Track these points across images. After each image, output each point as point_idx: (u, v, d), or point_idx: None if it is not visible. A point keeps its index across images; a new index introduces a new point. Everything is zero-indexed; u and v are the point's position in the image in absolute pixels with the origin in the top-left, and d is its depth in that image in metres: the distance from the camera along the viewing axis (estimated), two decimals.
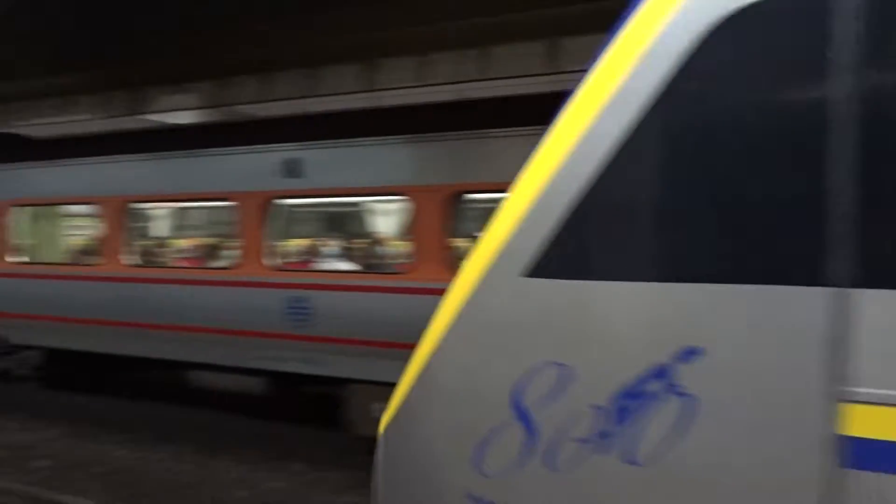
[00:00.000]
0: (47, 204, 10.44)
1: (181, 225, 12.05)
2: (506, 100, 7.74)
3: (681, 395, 2.17)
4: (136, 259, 9.43)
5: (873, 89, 1.92)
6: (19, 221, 10.47)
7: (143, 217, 10.33)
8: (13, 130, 14.01)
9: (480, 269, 2.58)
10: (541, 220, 2.43)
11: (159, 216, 11.17)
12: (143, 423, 9.02)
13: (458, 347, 2.66)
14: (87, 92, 15.37)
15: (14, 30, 14.73)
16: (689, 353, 2.17)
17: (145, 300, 8.90)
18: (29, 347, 10.44)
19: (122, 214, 9.17)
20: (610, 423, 2.29)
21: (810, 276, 1.96)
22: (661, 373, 2.23)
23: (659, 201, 2.32)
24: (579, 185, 2.33)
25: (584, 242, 2.41)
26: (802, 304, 1.99)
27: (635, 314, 2.33)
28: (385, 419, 2.86)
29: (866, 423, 1.93)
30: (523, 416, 2.51)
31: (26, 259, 10.50)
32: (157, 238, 11.03)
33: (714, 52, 2.19)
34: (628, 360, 2.28)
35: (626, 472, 2.25)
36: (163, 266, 9.90)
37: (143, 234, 10.46)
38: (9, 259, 10.32)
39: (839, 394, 1.93)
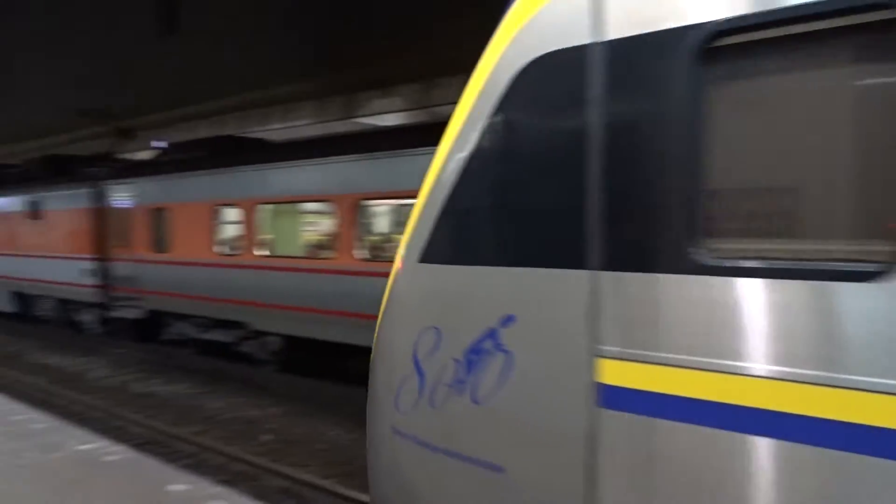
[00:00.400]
0: (287, 202, 11.22)
1: (405, 221, 12.61)
2: None
3: (503, 351, 2.96)
4: (366, 254, 9.92)
5: (616, 123, 2.62)
6: (263, 218, 11.45)
7: (371, 214, 10.83)
8: (250, 135, 15.57)
9: (400, 256, 3.46)
10: (426, 220, 3.30)
11: (385, 213, 11.70)
12: (360, 408, 9.57)
13: (388, 316, 3.54)
14: (307, 98, 16.74)
15: (251, 47, 16.36)
16: (508, 320, 2.94)
17: (373, 293, 9.44)
18: (268, 334, 11.41)
19: (354, 211, 9.73)
20: (463, 372, 3.11)
21: (577, 261, 2.69)
22: (492, 334, 3.02)
23: (485, 209, 3.15)
24: (443, 195, 3.21)
25: (446, 237, 3.26)
26: (573, 282, 2.71)
27: (476, 290, 3.12)
28: None
29: (613, 373, 2.65)
30: (418, 367, 3.38)
31: (268, 253, 11.45)
32: (383, 234, 11.57)
33: (516, 93, 2.98)
34: (473, 324, 3.08)
35: (472, 409, 3.06)
36: (389, 261, 10.36)
37: (371, 231, 10.96)
38: (255, 252, 11.38)
39: (596, 350, 2.65)
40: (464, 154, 3.20)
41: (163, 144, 16.48)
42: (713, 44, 2.50)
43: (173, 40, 19.43)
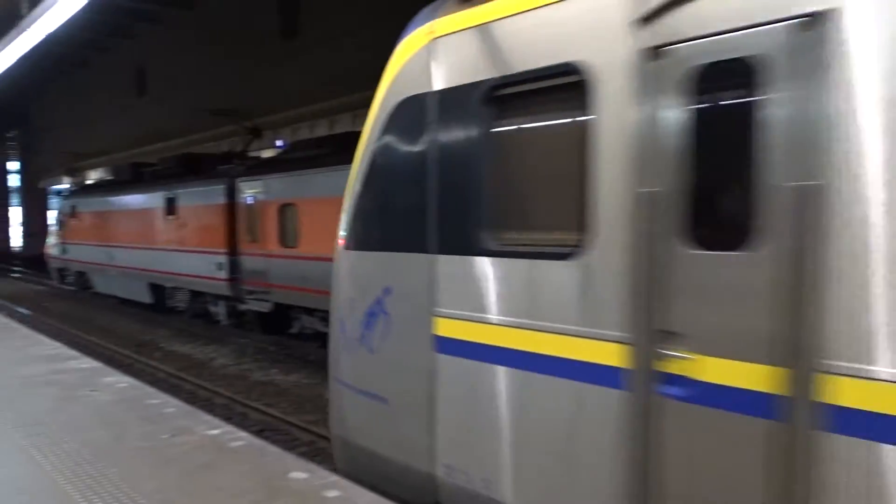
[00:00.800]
0: None
1: None
2: None
3: (385, 313, 4.24)
4: None
5: (440, 149, 3.98)
6: None
7: None
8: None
9: (336, 244, 4.88)
10: (345, 217, 4.73)
11: None
12: None
13: (332, 291, 4.93)
14: None
15: (365, 47, 16.69)
16: (387, 290, 4.22)
17: None
18: None
19: None
20: (364, 329, 4.42)
21: (422, 247, 4.01)
22: (378, 301, 4.28)
23: (374, 209, 4.49)
24: (354, 197, 4.65)
25: (355, 230, 4.64)
26: (420, 262, 4.01)
27: (371, 269, 4.44)
28: None
29: (443, 327, 3.94)
30: (343, 328, 4.71)
31: None
32: None
33: (398, 120, 4.26)
34: (369, 294, 4.42)
35: (368, 356, 4.44)
36: None
37: None
38: None
39: (433, 311, 3.97)
40: (363, 168, 4.64)
41: (283, 143, 17.05)
42: (492, 94, 3.77)
43: (294, 42, 20.13)
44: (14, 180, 46.33)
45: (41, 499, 4.46)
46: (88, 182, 28.65)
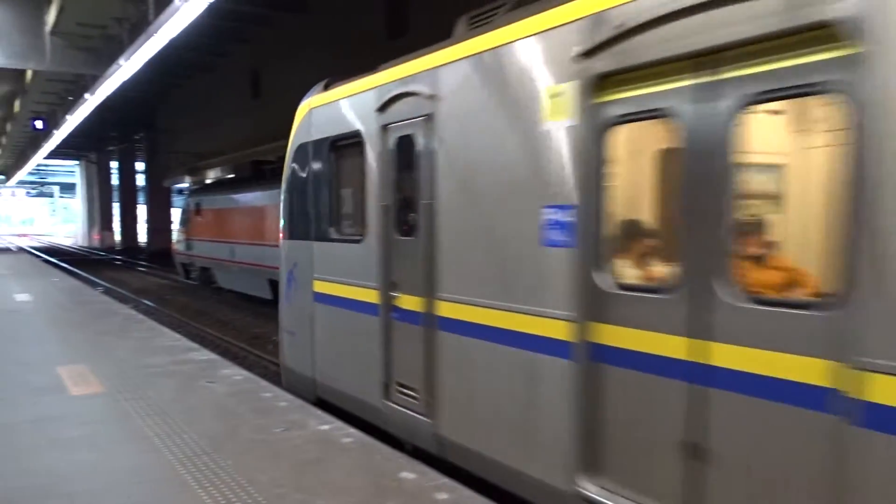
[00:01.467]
0: None
1: None
2: None
3: (294, 279, 7.64)
4: None
5: (314, 175, 7.29)
6: None
7: None
8: None
9: (282, 235, 8.12)
10: (282, 218, 8.07)
11: None
12: None
13: (281, 267, 8.13)
14: None
15: None
16: (295, 264, 7.64)
17: None
18: None
19: None
20: (286, 289, 7.89)
21: (309, 237, 7.34)
22: (291, 271, 7.73)
23: (289, 213, 7.83)
24: (283, 203, 7.98)
25: (285, 227, 7.95)
26: (308, 247, 7.33)
27: (290, 251, 7.80)
28: None
29: (318, 286, 7.18)
30: (280, 290, 8.10)
31: None
32: None
33: (298, 157, 7.55)
34: (288, 266, 7.82)
35: (288, 307, 7.91)
36: None
37: None
38: None
39: (314, 276, 7.25)
40: (283, 187, 7.77)
41: None
42: (335, 144, 6.79)
43: (402, 42, 20.31)
44: (141, 180, 49.32)
45: (163, 486, 4.60)
46: (209, 181, 29.99)
